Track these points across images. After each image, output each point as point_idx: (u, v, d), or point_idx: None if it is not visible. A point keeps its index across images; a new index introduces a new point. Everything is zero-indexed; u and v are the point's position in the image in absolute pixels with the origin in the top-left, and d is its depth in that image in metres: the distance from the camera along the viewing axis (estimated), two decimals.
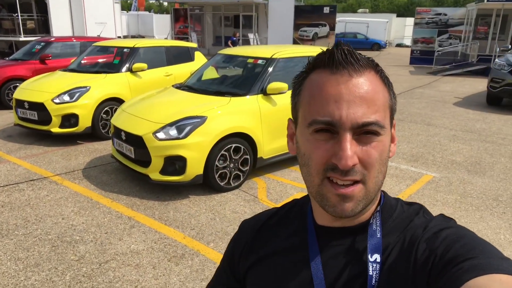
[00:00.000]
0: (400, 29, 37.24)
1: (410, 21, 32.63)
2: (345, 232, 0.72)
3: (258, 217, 0.88)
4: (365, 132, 0.63)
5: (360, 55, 0.66)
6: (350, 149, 0.61)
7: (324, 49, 0.68)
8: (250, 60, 5.31)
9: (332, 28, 18.93)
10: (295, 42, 18.77)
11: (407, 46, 31.90)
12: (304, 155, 0.67)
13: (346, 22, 33.79)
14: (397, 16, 41.34)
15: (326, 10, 18.79)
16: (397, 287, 0.64)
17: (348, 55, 0.64)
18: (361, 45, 31.11)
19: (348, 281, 0.68)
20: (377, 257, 0.67)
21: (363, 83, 0.64)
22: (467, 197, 4.53)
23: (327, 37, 18.98)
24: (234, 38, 19.42)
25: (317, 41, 19.06)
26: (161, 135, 4.20)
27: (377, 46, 31.30)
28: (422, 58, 18.81)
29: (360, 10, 48.52)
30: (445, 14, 18.42)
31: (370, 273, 0.66)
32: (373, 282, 0.66)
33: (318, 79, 0.66)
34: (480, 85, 13.11)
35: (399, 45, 36.47)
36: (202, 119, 4.26)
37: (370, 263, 0.67)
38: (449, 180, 5.03)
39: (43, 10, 18.78)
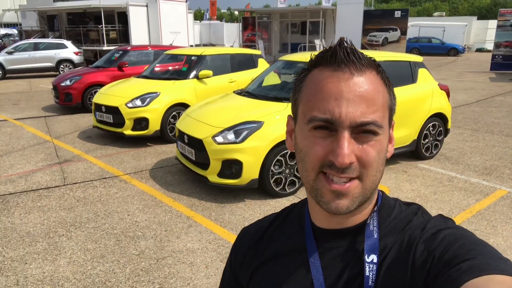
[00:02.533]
0: (482, 33, 34.59)
1: (493, 23, 30.17)
2: (343, 233, 0.72)
3: (258, 224, 0.89)
4: (363, 131, 0.63)
5: (362, 54, 0.66)
6: (348, 147, 0.62)
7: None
8: None
9: (404, 32, 18.21)
10: (363, 47, 18.31)
11: (488, 51, 29.55)
12: (302, 151, 0.68)
13: (420, 26, 32.22)
14: (478, 18, 38.52)
15: (397, 14, 18.10)
16: (395, 287, 0.64)
17: (351, 53, 0.65)
18: (436, 50, 29.46)
19: (346, 282, 0.69)
20: (373, 257, 0.67)
21: (364, 82, 0.64)
22: None
23: (398, 41, 18.30)
24: None
25: (387, 46, 18.43)
26: (219, 139, 4.35)
27: (454, 51, 29.38)
28: (505, 63, 17.32)
29: (436, 13, 45.94)
30: None
31: (367, 273, 0.66)
32: (370, 282, 0.66)
33: (319, 76, 0.66)
34: None
35: (479, 50, 33.90)
36: (259, 124, 4.34)
37: (366, 264, 0.67)
38: None
39: (124, 21, 20.36)
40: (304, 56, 5.81)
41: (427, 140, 5.81)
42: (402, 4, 62.08)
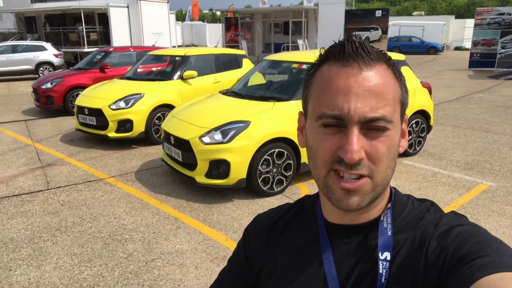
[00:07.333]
0: (459, 31, 35.39)
1: (470, 22, 30.90)
2: (355, 229, 0.72)
3: (273, 212, 0.88)
4: (372, 127, 0.63)
5: (372, 48, 0.65)
6: (357, 143, 0.61)
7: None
8: (295, 65, 5.33)
9: (385, 31, 18.47)
10: None
11: (466, 49, 30.24)
12: (312, 147, 0.68)
13: (400, 26, 32.75)
14: (456, 17, 39.39)
15: (378, 13, 18.36)
16: (407, 284, 0.64)
17: (359, 47, 0.64)
18: (416, 49, 29.97)
19: (358, 278, 0.68)
20: (387, 255, 0.67)
21: (373, 76, 0.63)
22: None
23: (379, 41, 18.54)
24: None
25: None
26: (206, 139, 4.33)
27: (433, 49, 29.96)
28: (482, 61, 17.75)
29: (415, 13, 46.76)
30: (509, 14, 17.27)
31: (380, 271, 0.66)
32: (383, 280, 0.65)
33: (328, 72, 0.65)
34: None
35: (457, 48, 34.66)
36: (246, 124, 4.34)
37: (380, 261, 0.67)
38: (507, 190, 4.70)
39: (105, 22, 20.08)
40: (288, 56, 5.84)
41: (410, 137, 5.90)
42: (382, 3, 62.96)
